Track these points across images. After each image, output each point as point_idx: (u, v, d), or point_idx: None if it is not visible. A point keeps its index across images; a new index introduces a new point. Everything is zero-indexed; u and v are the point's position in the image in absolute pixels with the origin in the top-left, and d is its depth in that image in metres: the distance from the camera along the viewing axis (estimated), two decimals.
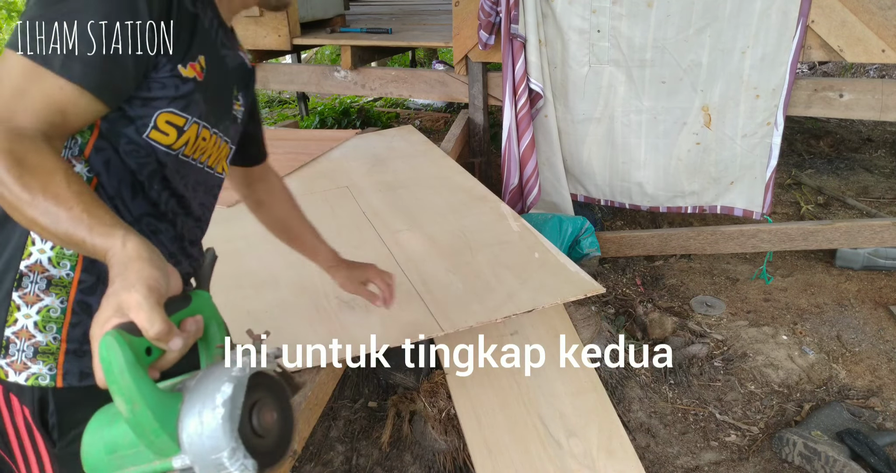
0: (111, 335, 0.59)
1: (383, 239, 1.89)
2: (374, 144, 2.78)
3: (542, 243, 1.73)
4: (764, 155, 2.63)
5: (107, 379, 0.58)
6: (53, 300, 0.85)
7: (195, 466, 0.59)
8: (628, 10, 2.57)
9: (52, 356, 0.86)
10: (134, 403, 0.58)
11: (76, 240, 0.68)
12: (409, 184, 2.22)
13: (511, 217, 1.87)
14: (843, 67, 5.50)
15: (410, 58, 6.77)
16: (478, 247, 1.80)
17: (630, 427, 2.08)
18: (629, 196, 2.95)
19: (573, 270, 1.59)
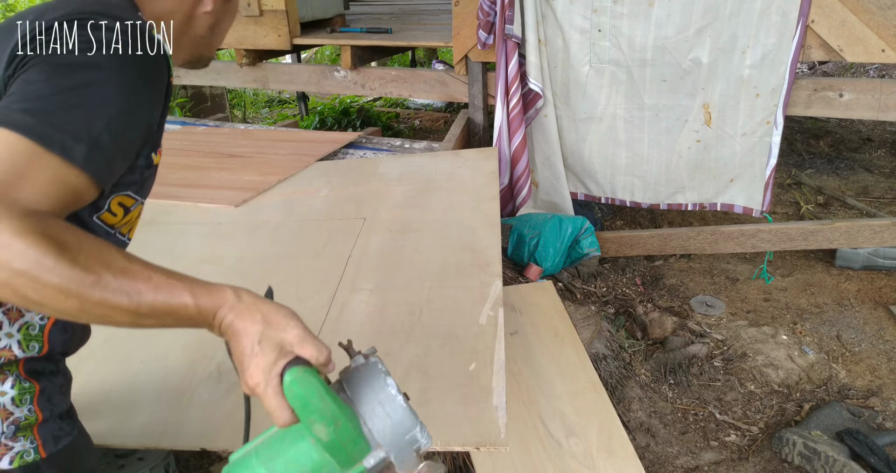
0: (299, 371, 0.65)
1: (336, 296, 1.70)
2: (439, 168, 2.55)
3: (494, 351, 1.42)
4: (763, 154, 2.64)
5: (304, 411, 0.64)
6: (15, 376, 0.83)
7: (391, 453, 0.68)
8: (629, 9, 2.57)
9: (30, 429, 0.84)
10: (337, 422, 0.65)
11: (173, 307, 0.66)
12: (425, 228, 2.02)
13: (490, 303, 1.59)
14: (843, 67, 5.50)
15: (410, 58, 6.77)
16: (419, 334, 1.52)
17: (630, 426, 2.08)
18: (630, 193, 2.95)
19: (494, 404, 1.25)
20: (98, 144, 0.69)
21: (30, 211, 0.62)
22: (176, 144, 3.21)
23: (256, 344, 0.66)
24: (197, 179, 2.62)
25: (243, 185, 2.52)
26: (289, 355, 0.67)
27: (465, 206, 2.15)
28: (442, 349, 1.46)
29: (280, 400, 0.65)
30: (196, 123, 3.72)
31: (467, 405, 1.27)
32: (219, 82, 3.90)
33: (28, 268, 0.59)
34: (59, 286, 0.60)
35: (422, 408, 1.20)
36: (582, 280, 2.85)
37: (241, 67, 3.69)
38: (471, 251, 1.86)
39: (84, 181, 0.68)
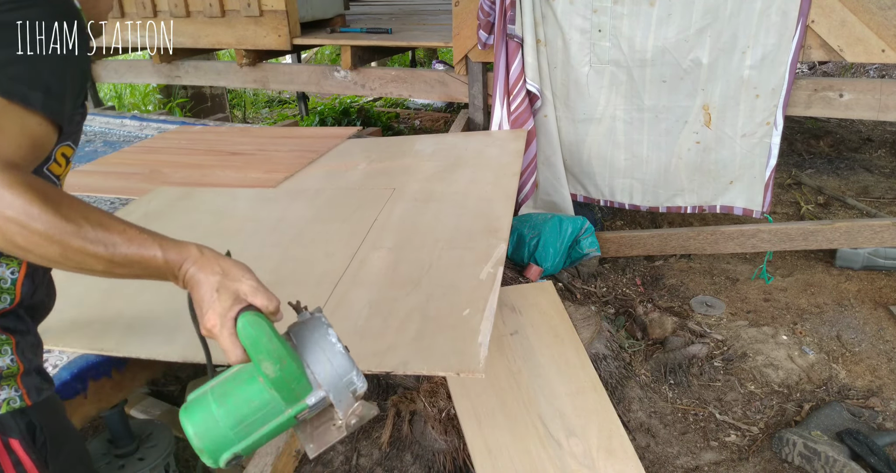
0: (251, 315, 0.74)
1: (357, 253, 1.87)
2: (470, 146, 2.73)
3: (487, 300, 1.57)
4: (763, 155, 2.64)
5: (254, 349, 0.73)
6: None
7: (330, 393, 0.78)
8: (629, 9, 2.57)
9: (13, 379, 0.89)
10: (282, 361, 0.75)
11: (144, 257, 0.73)
12: (447, 198, 2.19)
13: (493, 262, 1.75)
14: (843, 67, 5.50)
15: (410, 58, 6.77)
16: (424, 285, 1.68)
17: (630, 427, 2.08)
18: (629, 196, 2.95)
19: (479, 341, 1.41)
20: (50, 90, 0.75)
21: (11, 163, 0.68)
22: (173, 143, 3.21)
23: (214, 292, 0.75)
24: (202, 177, 2.62)
25: (251, 182, 2.51)
26: (242, 302, 0.76)
27: (486, 181, 2.31)
28: (443, 297, 1.62)
29: (234, 340, 0.74)
30: (196, 123, 3.73)
31: (455, 342, 1.44)
32: (219, 83, 3.90)
33: (17, 215, 0.65)
34: (44, 233, 0.66)
35: (416, 343, 1.44)
36: (582, 280, 2.85)
37: (241, 68, 3.69)
38: (484, 219, 2.01)
39: (46, 126, 0.74)
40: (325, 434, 0.83)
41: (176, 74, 3.99)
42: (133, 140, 3.46)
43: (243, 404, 0.77)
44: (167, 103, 5.07)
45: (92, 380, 1.56)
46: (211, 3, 3.49)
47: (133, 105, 5.55)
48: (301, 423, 0.82)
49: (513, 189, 2.21)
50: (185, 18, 3.63)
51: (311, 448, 0.84)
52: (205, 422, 0.77)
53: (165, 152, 3.04)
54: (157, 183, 2.55)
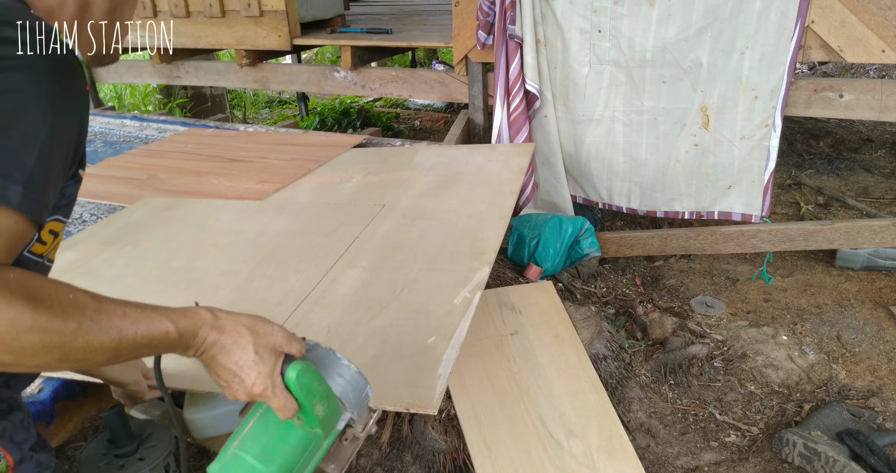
0: (300, 366, 0.74)
1: (330, 271, 1.80)
2: (472, 160, 2.65)
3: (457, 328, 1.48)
4: (762, 158, 2.63)
5: (308, 397, 0.74)
6: None
7: (353, 412, 0.81)
8: (629, 9, 2.57)
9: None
10: (329, 398, 0.77)
11: (154, 337, 0.66)
12: (436, 216, 2.11)
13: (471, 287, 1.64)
14: (843, 68, 5.50)
15: (410, 58, 6.78)
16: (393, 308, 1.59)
17: (630, 427, 2.08)
18: (627, 199, 2.94)
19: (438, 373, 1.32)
20: (32, 180, 0.63)
21: None
22: (180, 146, 3.21)
23: (254, 354, 0.71)
24: (196, 185, 2.62)
25: (241, 193, 2.50)
26: (281, 355, 0.74)
27: (481, 198, 2.24)
28: (408, 322, 1.53)
29: (287, 396, 0.73)
30: (196, 123, 3.73)
31: (412, 372, 1.34)
32: (219, 83, 3.90)
33: (2, 332, 0.55)
34: (41, 343, 0.57)
35: (369, 371, 1.33)
36: (582, 281, 2.85)
37: (242, 68, 3.69)
38: (471, 240, 1.93)
39: (23, 224, 0.64)
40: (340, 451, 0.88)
41: (176, 74, 3.99)
42: (133, 140, 3.46)
43: (289, 452, 0.75)
44: (167, 104, 5.08)
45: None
46: (211, 4, 3.49)
47: (133, 105, 5.55)
48: None
49: (508, 208, 2.12)
50: (185, 19, 3.63)
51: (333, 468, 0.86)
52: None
53: (169, 157, 3.04)
54: (152, 190, 2.55)
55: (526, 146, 2.74)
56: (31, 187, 0.63)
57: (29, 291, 0.58)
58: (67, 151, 0.70)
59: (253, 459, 0.74)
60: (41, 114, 0.64)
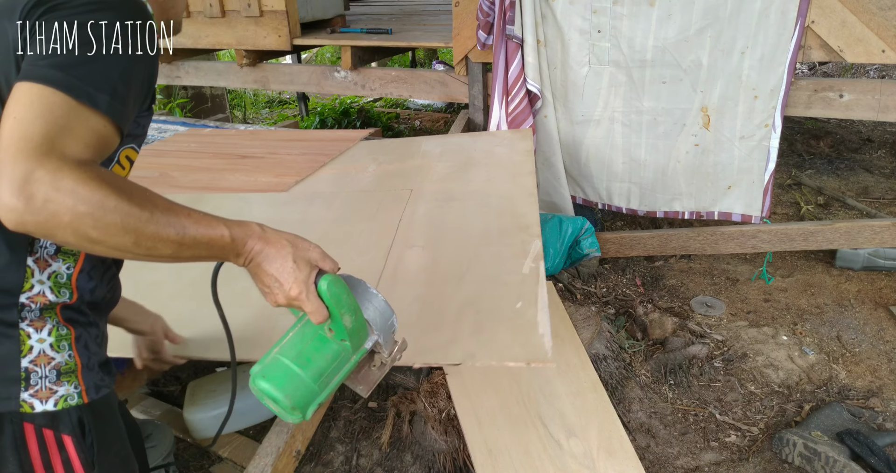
0: (331, 277, 0.84)
1: (391, 251, 1.86)
2: (477, 146, 2.72)
3: (537, 293, 1.57)
4: (762, 159, 2.63)
5: (338, 306, 0.84)
6: (54, 322, 0.88)
7: (380, 336, 0.91)
8: (629, 10, 2.57)
9: (73, 374, 0.89)
10: (357, 312, 0.87)
11: (212, 238, 0.77)
12: (468, 197, 2.18)
13: (532, 257, 1.74)
14: (843, 68, 5.50)
15: (410, 58, 6.78)
16: (469, 280, 1.68)
17: (630, 427, 2.08)
18: (626, 200, 2.94)
19: (540, 332, 1.41)
20: (116, 93, 0.75)
21: (81, 160, 0.70)
22: (182, 146, 3.20)
23: (293, 262, 0.83)
24: (212, 181, 2.60)
25: (262, 186, 2.49)
26: (316, 268, 0.85)
27: (503, 179, 2.29)
28: (491, 291, 1.62)
29: (319, 302, 0.84)
30: (196, 124, 3.73)
31: (516, 333, 1.44)
32: (219, 83, 3.90)
33: (93, 210, 0.67)
34: (120, 223, 0.69)
35: (477, 335, 1.46)
36: (582, 281, 2.85)
37: (242, 68, 3.69)
38: (510, 216, 2.00)
39: (110, 128, 0.75)
40: (369, 375, 0.96)
41: (176, 74, 3.99)
42: None
43: (321, 359, 0.86)
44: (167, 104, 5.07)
45: None
46: (211, 4, 3.49)
47: None
48: None
49: (532, 187, 2.19)
50: (185, 19, 3.63)
51: (362, 389, 0.96)
52: (292, 383, 0.84)
53: (174, 156, 3.03)
54: (167, 187, 2.53)
55: (524, 131, 2.77)
56: (116, 98, 0.75)
57: (117, 183, 0.71)
58: (142, 81, 0.83)
59: (290, 361, 0.85)
60: (123, 44, 0.78)
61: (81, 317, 0.93)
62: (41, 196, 0.65)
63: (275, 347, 0.88)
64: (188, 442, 1.99)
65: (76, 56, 0.74)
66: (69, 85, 0.72)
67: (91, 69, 0.74)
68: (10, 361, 0.84)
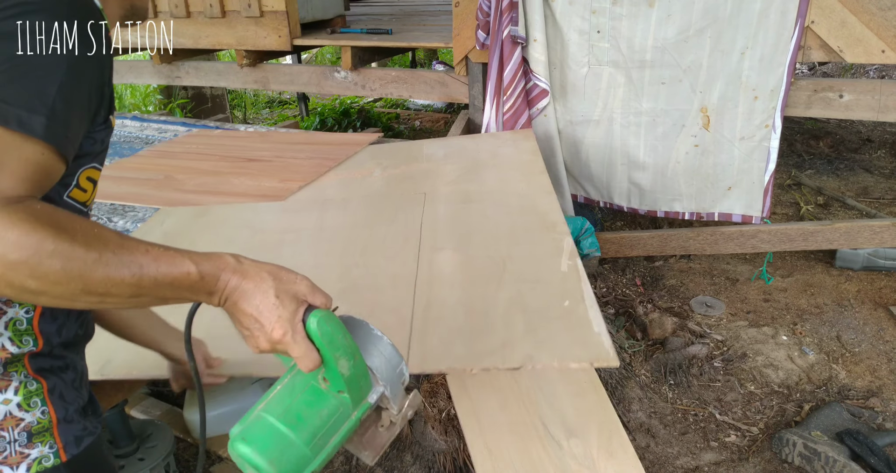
0: (322, 313, 0.70)
1: (420, 254, 1.80)
2: (481, 148, 2.66)
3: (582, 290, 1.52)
4: (762, 159, 2.63)
5: (332, 348, 0.70)
6: (21, 377, 0.79)
7: (386, 387, 0.77)
8: (628, 10, 2.57)
9: (47, 433, 0.80)
10: (355, 356, 0.72)
11: (175, 277, 0.65)
12: (485, 198, 2.11)
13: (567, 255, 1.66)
14: (843, 68, 5.50)
15: (410, 58, 6.78)
16: (509, 280, 1.61)
17: (630, 427, 2.08)
18: (627, 199, 2.94)
19: (596, 330, 1.35)
20: (54, 113, 0.65)
21: (10, 198, 0.60)
22: (191, 147, 3.19)
23: (275, 298, 0.69)
24: (216, 185, 2.58)
25: (266, 191, 2.46)
26: (304, 304, 0.71)
27: (517, 179, 2.22)
28: (534, 290, 1.54)
29: (308, 344, 0.70)
30: (196, 124, 3.73)
31: (572, 331, 1.36)
32: (219, 83, 3.91)
33: (27, 257, 0.57)
34: (62, 269, 0.59)
35: (531, 336, 1.36)
36: None
37: (242, 68, 3.69)
38: (534, 215, 1.93)
39: (49, 155, 0.65)
40: (376, 437, 0.82)
41: (176, 74, 3.99)
42: (133, 141, 3.46)
43: (314, 416, 0.72)
44: (167, 104, 5.08)
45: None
46: (211, 4, 3.49)
47: (133, 106, 5.55)
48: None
49: (549, 185, 2.12)
50: (186, 19, 3.63)
51: (367, 455, 0.82)
52: (278, 446, 0.70)
53: (181, 157, 3.01)
54: (172, 190, 2.50)
55: (526, 132, 2.74)
56: (55, 119, 0.65)
57: (55, 221, 0.60)
58: (90, 92, 0.71)
59: (276, 420, 0.71)
60: (59, 52, 0.66)
61: (55, 362, 0.82)
62: None
63: (260, 401, 0.74)
64: (188, 442, 1.99)
65: (1, 72, 0.63)
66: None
67: (20, 87, 0.63)
68: None
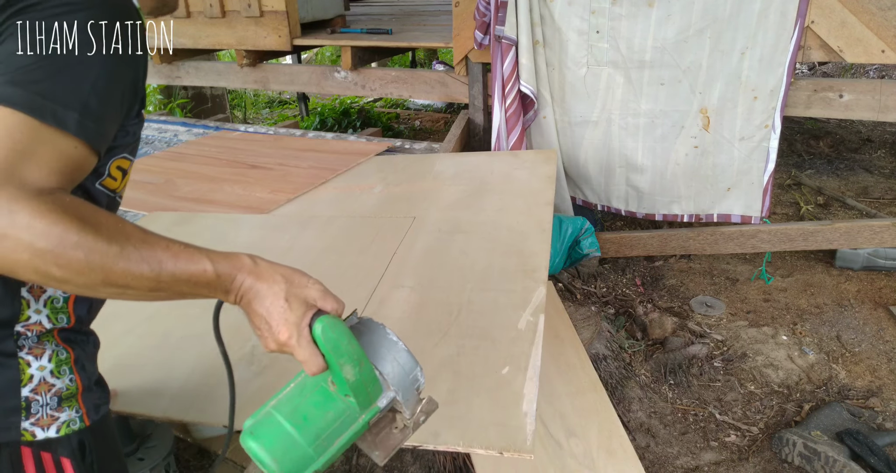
0: (328, 320, 0.72)
1: (375, 292, 1.71)
2: (495, 168, 2.53)
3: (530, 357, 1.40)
4: (761, 160, 2.63)
5: (336, 354, 0.71)
6: (52, 346, 0.85)
7: (398, 393, 0.77)
8: (628, 10, 2.57)
9: (74, 399, 0.85)
10: (361, 363, 0.73)
11: (192, 273, 0.68)
12: (474, 230, 2.00)
13: (532, 309, 1.56)
14: (843, 68, 5.50)
15: (410, 58, 6.78)
16: (454, 334, 1.50)
17: (630, 427, 2.08)
18: (625, 202, 2.94)
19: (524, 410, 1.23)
20: (88, 109, 0.68)
21: (42, 189, 0.62)
22: (204, 150, 3.18)
23: (284, 301, 0.72)
24: (208, 192, 2.57)
25: (251, 203, 2.44)
26: (313, 308, 0.74)
27: (517, 209, 2.11)
28: (476, 350, 1.44)
29: (313, 349, 0.72)
30: (197, 124, 3.73)
31: (495, 409, 1.25)
32: (219, 83, 3.91)
33: (53, 246, 0.60)
34: (85, 260, 0.62)
35: (449, 408, 1.23)
36: (582, 281, 2.86)
37: (242, 68, 3.69)
38: (518, 256, 1.82)
39: (82, 150, 0.68)
40: (389, 438, 0.82)
41: (176, 74, 3.99)
42: None
43: (319, 417, 0.74)
44: (168, 104, 5.08)
45: None
46: (211, 4, 3.49)
47: None
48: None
49: (548, 220, 2.00)
50: (186, 19, 3.64)
51: (378, 455, 0.82)
52: (282, 444, 0.72)
53: (191, 160, 3.00)
54: (164, 196, 2.51)
55: (549, 152, 2.64)
56: (87, 115, 0.67)
57: (81, 214, 0.63)
58: (124, 90, 0.74)
59: (283, 418, 0.73)
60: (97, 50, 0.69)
61: (79, 336, 0.89)
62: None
63: (272, 399, 0.77)
64: (188, 442, 1.99)
65: (39, 68, 0.66)
66: (30, 104, 0.64)
67: (57, 83, 0.66)
68: (11, 391, 0.80)
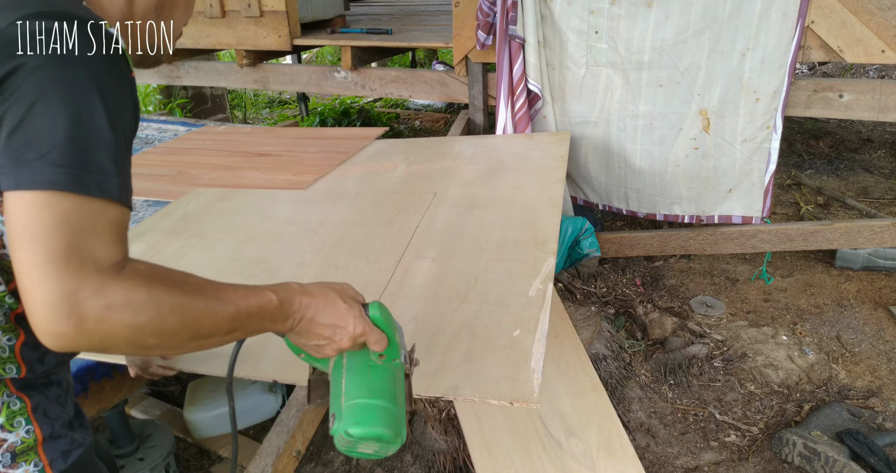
0: (377, 304, 0.89)
1: (400, 261, 1.83)
2: (512, 149, 2.67)
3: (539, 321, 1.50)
4: (762, 160, 2.63)
5: (391, 327, 0.89)
6: (4, 397, 0.80)
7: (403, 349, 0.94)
8: (627, 10, 2.57)
9: (31, 452, 0.80)
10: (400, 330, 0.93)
11: (262, 305, 0.74)
12: (490, 205, 2.12)
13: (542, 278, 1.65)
14: (843, 68, 5.50)
15: (410, 58, 6.78)
16: (472, 300, 1.60)
17: (630, 427, 2.08)
18: (626, 202, 2.94)
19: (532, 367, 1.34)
20: (119, 167, 0.68)
21: (115, 264, 0.63)
22: (198, 143, 3.19)
23: (343, 304, 0.83)
24: (231, 178, 2.58)
25: (281, 184, 2.48)
26: (358, 302, 0.88)
27: (530, 186, 2.24)
28: (491, 314, 1.54)
29: (378, 330, 0.86)
30: (197, 124, 3.73)
31: (507, 366, 1.36)
32: (219, 83, 3.91)
33: (151, 316, 0.62)
34: (180, 322, 0.64)
35: (466, 365, 1.38)
36: (582, 281, 2.86)
37: (242, 68, 3.69)
38: (530, 229, 1.94)
39: (125, 212, 0.69)
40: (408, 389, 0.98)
41: (176, 74, 3.99)
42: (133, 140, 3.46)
43: (386, 384, 0.87)
44: (167, 104, 5.08)
45: (92, 381, 1.56)
46: (211, 4, 3.49)
47: None
48: None
49: (558, 196, 2.12)
50: None
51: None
52: (383, 415, 0.83)
53: (190, 154, 3.01)
54: (187, 185, 2.52)
55: (562, 134, 2.72)
56: (121, 174, 0.69)
57: (162, 277, 0.65)
58: (128, 140, 0.75)
59: (367, 399, 0.83)
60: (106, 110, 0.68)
61: (38, 380, 0.84)
62: (93, 317, 0.59)
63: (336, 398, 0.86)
64: (188, 442, 1.99)
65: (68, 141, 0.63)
66: (76, 182, 0.63)
67: (89, 153, 0.65)
68: None
